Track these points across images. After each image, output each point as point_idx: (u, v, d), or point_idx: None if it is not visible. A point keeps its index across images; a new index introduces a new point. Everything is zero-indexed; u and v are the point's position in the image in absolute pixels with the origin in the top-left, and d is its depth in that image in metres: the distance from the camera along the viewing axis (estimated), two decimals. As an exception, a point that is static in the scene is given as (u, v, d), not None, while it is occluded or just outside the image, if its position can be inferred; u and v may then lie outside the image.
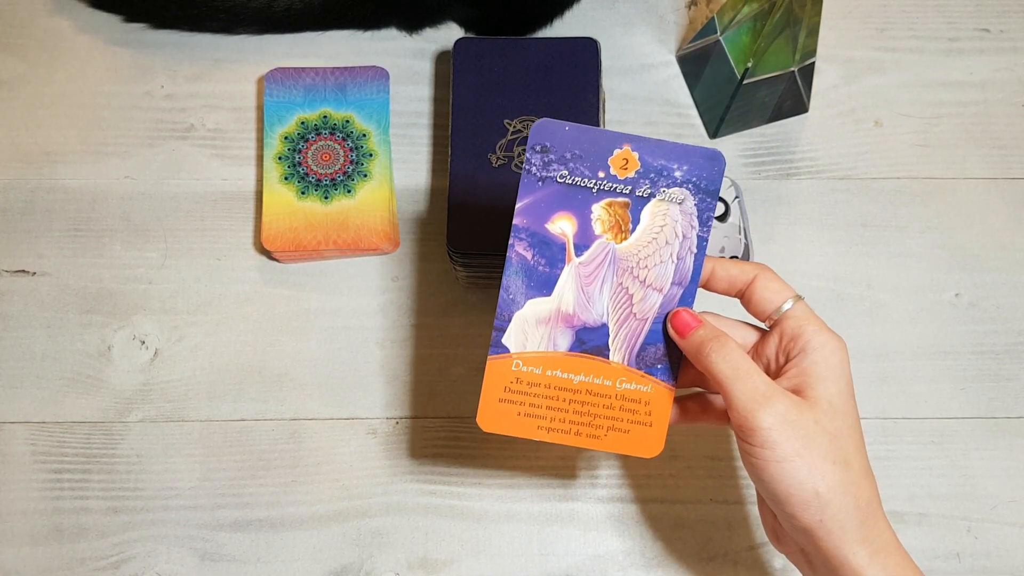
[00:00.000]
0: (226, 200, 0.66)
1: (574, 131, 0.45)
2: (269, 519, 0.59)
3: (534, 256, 0.46)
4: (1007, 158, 0.67)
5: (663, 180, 0.45)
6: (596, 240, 0.46)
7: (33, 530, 0.59)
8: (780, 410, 0.41)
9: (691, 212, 0.45)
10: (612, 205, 0.46)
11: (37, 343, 0.63)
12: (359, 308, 0.63)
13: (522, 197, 0.45)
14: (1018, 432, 0.61)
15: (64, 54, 0.70)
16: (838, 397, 0.43)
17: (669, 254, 0.46)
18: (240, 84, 0.69)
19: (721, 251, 0.64)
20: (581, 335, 0.46)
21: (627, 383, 0.46)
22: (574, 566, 0.58)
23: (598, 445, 0.47)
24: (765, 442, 0.41)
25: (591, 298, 0.46)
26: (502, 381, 0.46)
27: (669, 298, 0.46)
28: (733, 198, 0.65)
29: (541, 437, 0.47)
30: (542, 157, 0.45)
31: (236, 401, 0.61)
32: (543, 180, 0.45)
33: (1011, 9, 0.71)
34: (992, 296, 0.64)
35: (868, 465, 0.43)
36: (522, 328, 0.46)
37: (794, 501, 0.41)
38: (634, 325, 0.46)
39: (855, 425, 0.43)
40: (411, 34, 0.70)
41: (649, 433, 0.47)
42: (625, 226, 0.46)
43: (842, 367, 0.44)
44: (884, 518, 0.43)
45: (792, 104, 0.67)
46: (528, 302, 0.46)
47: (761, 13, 0.59)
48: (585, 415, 0.46)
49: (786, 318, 0.45)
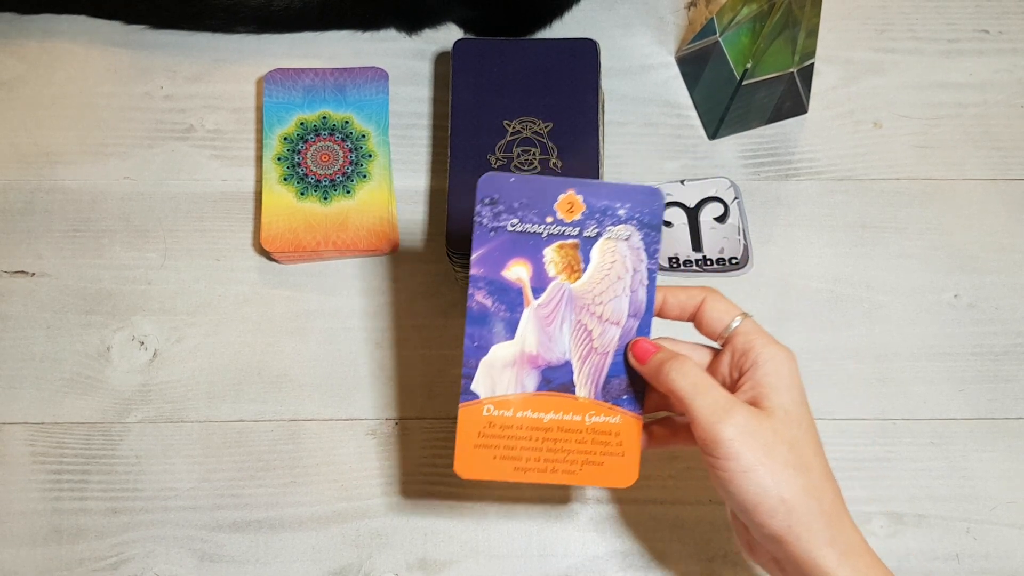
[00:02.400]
0: (226, 201, 0.66)
1: (519, 181, 0.46)
2: (268, 520, 0.59)
3: (494, 303, 0.47)
4: (1006, 159, 0.67)
5: (608, 219, 0.47)
6: (551, 282, 0.47)
7: (32, 531, 0.59)
8: (741, 421, 0.43)
9: (638, 247, 0.47)
10: (563, 247, 0.47)
11: (36, 344, 0.63)
12: (358, 309, 0.64)
13: (476, 248, 0.47)
14: (1018, 433, 0.61)
15: (64, 54, 0.70)
16: (792, 405, 0.44)
17: (622, 288, 0.47)
18: (240, 85, 0.69)
19: (720, 252, 0.64)
20: (547, 374, 0.48)
21: (596, 416, 0.48)
22: (574, 566, 0.58)
23: (574, 480, 0.48)
24: (729, 453, 0.42)
25: (552, 338, 0.47)
26: (475, 427, 0.48)
27: (627, 330, 0.47)
28: (732, 199, 0.65)
29: (518, 478, 0.48)
30: (491, 209, 0.46)
31: (235, 402, 0.61)
32: (495, 230, 0.47)
33: (1010, 11, 0.71)
34: (991, 297, 0.64)
35: (828, 469, 0.45)
36: (489, 373, 0.47)
37: (762, 509, 0.42)
38: (596, 359, 0.48)
39: (811, 431, 0.44)
40: (410, 35, 0.70)
41: (622, 463, 0.48)
42: (577, 266, 0.47)
43: (792, 376, 0.45)
44: (850, 520, 0.44)
45: (791, 105, 0.67)
46: (492, 347, 0.47)
47: (760, 14, 0.59)
48: (559, 451, 0.48)
49: (736, 335, 0.46)
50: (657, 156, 0.67)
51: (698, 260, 0.64)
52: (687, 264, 0.64)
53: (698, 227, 0.65)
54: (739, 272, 0.64)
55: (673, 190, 0.66)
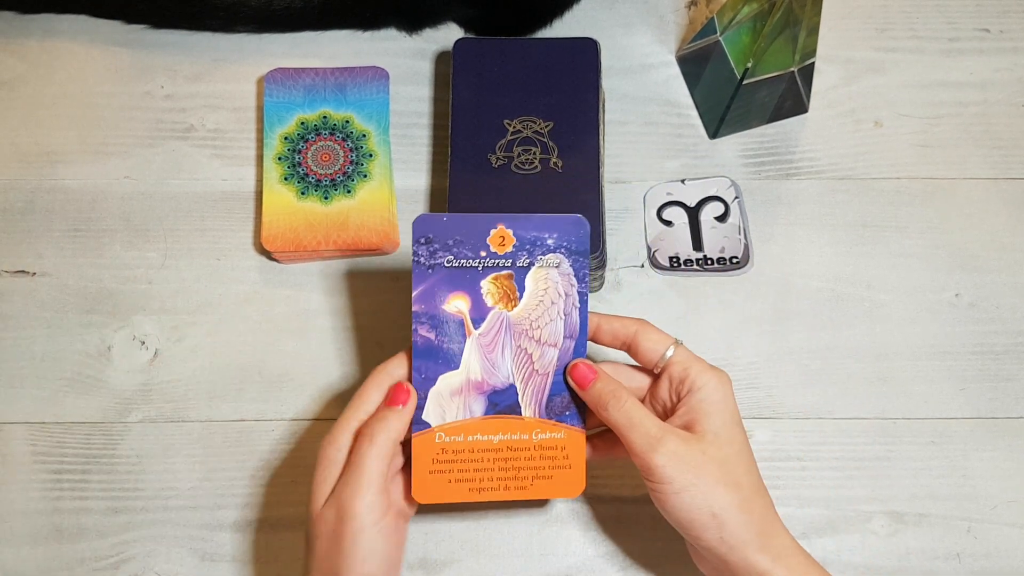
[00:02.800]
0: (226, 200, 0.66)
1: (452, 220, 0.50)
2: (269, 519, 0.59)
3: (437, 336, 0.50)
4: (1007, 158, 0.67)
5: (538, 249, 0.50)
6: (490, 311, 0.50)
7: (33, 530, 0.59)
8: (671, 448, 0.46)
9: (568, 272, 0.50)
10: (498, 278, 0.50)
11: (37, 343, 0.63)
12: (359, 308, 0.64)
13: (416, 286, 0.49)
14: (1018, 432, 0.61)
15: (64, 54, 0.70)
16: (723, 428, 0.48)
17: (556, 312, 0.50)
18: (240, 84, 0.69)
19: (721, 251, 0.64)
20: (493, 398, 0.50)
21: (542, 433, 0.51)
22: (574, 566, 0.58)
23: (527, 495, 0.51)
24: (662, 478, 0.46)
25: (495, 363, 0.50)
26: (429, 454, 0.50)
27: (564, 351, 0.51)
28: (733, 199, 0.65)
29: (473, 498, 0.50)
30: (427, 248, 0.50)
31: (236, 401, 0.61)
32: (432, 267, 0.50)
33: (1011, 9, 0.71)
34: (992, 296, 0.64)
35: (760, 483, 0.49)
36: (438, 403, 0.50)
37: (695, 525, 0.47)
38: (538, 380, 0.51)
39: (742, 451, 0.48)
40: (411, 34, 0.70)
41: (570, 475, 0.51)
42: (513, 295, 0.50)
43: (725, 401, 0.49)
44: (782, 529, 0.48)
45: (792, 104, 0.67)
46: (440, 378, 0.50)
47: (761, 13, 0.59)
48: (510, 470, 0.51)
49: (671, 364, 0.50)
50: (658, 155, 0.67)
51: (699, 259, 0.64)
52: (688, 263, 0.64)
53: (699, 226, 0.65)
54: (740, 271, 0.64)
55: (674, 189, 0.66)
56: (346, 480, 0.47)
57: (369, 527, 0.46)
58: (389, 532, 0.47)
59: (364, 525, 0.46)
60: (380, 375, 0.50)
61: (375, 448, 0.47)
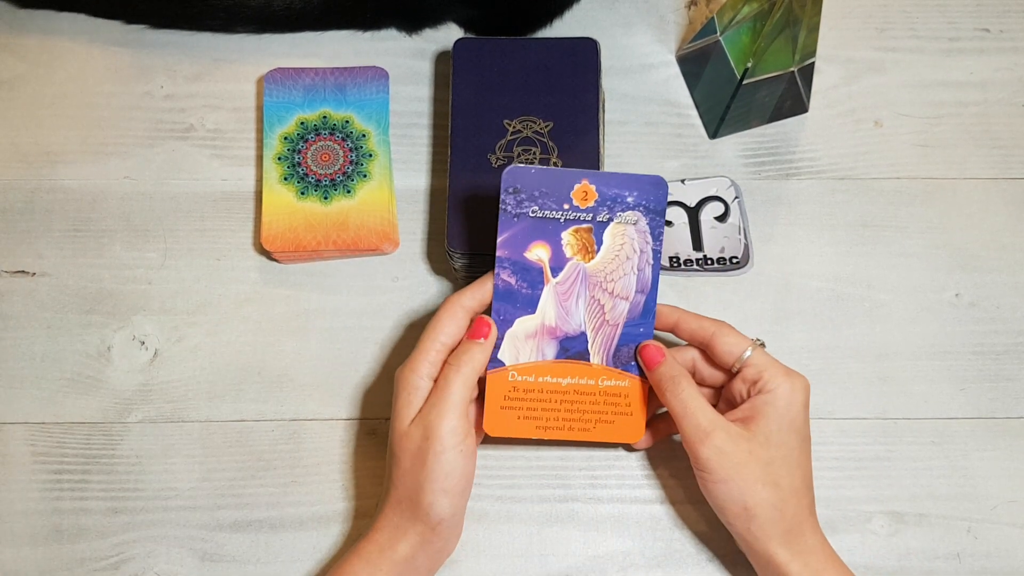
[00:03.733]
0: (226, 200, 0.66)
1: (539, 173, 0.52)
2: (269, 519, 0.59)
3: (517, 281, 0.53)
4: (1007, 158, 0.67)
5: (619, 206, 0.53)
6: (568, 262, 0.53)
7: (33, 530, 0.59)
8: (717, 443, 0.51)
9: (645, 230, 0.53)
10: (578, 231, 0.53)
11: (37, 343, 0.63)
12: (359, 308, 0.64)
13: (501, 232, 0.53)
14: (1018, 432, 0.61)
15: (64, 54, 0.70)
16: (776, 432, 0.51)
17: (631, 267, 0.53)
18: (240, 84, 0.69)
19: (721, 251, 0.64)
20: (564, 344, 0.54)
21: (608, 380, 0.54)
22: (574, 566, 0.58)
23: (588, 436, 0.55)
24: (706, 467, 0.51)
25: (569, 311, 0.54)
26: (501, 391, 0.54)
27: (635, 304, 0.54)
28: (733, 198, 0.65)
29: (540, 435, 0.54)
30: (515, 197, 0.52)
31: (236, 401, 0.61)
32: (518, 216, 0.53)
33: (1011, 9, 0.71)
34: (992, 296, 0.64)
35: (802, 487, 0.52)
36: (513, 344, 0.54)
37: (728, 512, 0.52)
38: (608, 330, 0.54)
39: (791, 455, 0.51)
40: (411, 34, 0.70)
41: (631, 421, 0.55)
42: (591, 248, 0.53)
43: (788, 407, 0.51)
44: (814, 530, 0.52)
45: (792, 104, 0.67)
46: (516, 320, 0.53)
47: (761, 13, 0.59)
48: (575, 412, 0.54)
49: (746, 365, 0.53)
50: (658, 155, 0.67)
51: (699, 259, 0.64)
52: (688, 263, 0.64)
53: (699, 226, 0.65)
54: (740, 271, 0.64)
55: (674, 189, 0.66)
56: (433, 403, 0.51)
57: (451, 448, 0.50)
58: (468, 454, 0.51)
59: (447, 446, 0.50)
60: (453, 306, 0.53)
61: (461, 377, 0.51)
